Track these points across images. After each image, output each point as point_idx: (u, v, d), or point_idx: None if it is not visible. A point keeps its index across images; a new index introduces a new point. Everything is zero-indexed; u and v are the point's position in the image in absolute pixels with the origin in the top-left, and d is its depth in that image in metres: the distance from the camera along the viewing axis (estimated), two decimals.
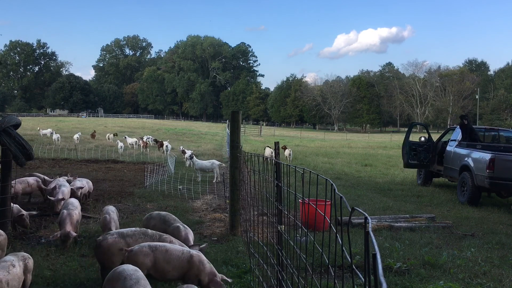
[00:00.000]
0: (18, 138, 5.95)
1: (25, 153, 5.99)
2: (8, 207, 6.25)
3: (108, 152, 20.61)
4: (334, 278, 2.71)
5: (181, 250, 4.11)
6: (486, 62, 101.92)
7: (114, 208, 6.09)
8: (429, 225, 7.60)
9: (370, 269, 1.56)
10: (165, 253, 4.02)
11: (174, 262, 4.00)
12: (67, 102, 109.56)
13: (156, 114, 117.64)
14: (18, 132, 6.11)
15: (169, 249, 4.08)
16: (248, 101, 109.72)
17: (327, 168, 18.19)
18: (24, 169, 10.36)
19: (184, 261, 4.00)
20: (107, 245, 4.38)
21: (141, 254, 4.00)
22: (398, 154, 23.70)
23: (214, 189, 11.43)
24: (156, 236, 4.57)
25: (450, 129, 13.40)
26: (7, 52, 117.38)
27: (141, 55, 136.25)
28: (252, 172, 5.08)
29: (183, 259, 4.01)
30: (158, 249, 4.05)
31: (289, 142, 37.77)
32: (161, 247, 4.08)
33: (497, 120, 76.38)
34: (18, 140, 5.92)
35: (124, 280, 3.26)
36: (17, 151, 5.89)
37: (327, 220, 2.41)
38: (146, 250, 4.03)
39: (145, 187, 11.21)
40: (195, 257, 4.04)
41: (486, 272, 5.25)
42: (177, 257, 4.02)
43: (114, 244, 4.38)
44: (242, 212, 6.74)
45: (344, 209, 6.33)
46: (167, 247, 4.11)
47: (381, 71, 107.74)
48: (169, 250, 4.06)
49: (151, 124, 58.31)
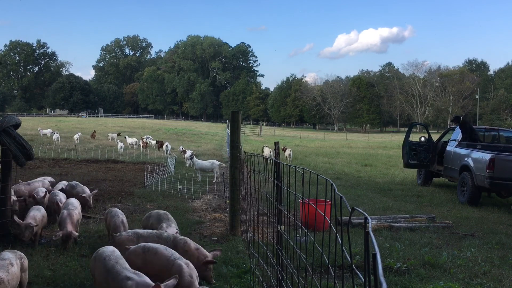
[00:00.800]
0: (18, 138, 5.96)
1: (25, 153, 5.99)
2: (8, 207, 6.24)
3: (108, 152, 20.61)
4: (334, 278, 2.71)
5: (170, 256, 4.01)
6: (486, 62, 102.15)
7: (120, 211, 6.05)
8: (429, 225, 7.60)
9: (370, 269, 1.56)
10: (153, 255, 4.02)
11: (159, 267, 3.99)
12: (67, 102, 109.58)
13: (156, 114, 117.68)
14: (18, 132, 6.11)
15: (158, 252, 4.06)
16: (248, 101, 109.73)
17: (327, 168, 18.19)
18: (24, 169, 10.37)
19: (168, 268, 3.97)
20: (119, 241, 4.49)
21: (133, 255, 4.08)
22: (398, 154, 23.70)
23: (214, 189, 11.43)
24: (170, 238, 4.53)
25: (450, 129, 13.39)
26: (7, 52, 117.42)
27: (141, 55, 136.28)
28: (252, 172, 5.08)
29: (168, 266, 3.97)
30: (150, 251, 4.06)
31: (289, 142, 37.78)
32: (152, 249, 4.08)
33: (497, 120, 76.39)
34: (18, 140, 5.92)
35: (104, 260, 3.70)
36: (17, 151, 5.89)
37: (327, 220, 2.41)
38: (138, 251, 4.11)
39: (145, 187, 11.21)
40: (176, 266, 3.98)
41: (486, 272, 5.25)
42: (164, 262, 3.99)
43: (126, 241, 4.48)
44: (242, 212, 6.74)
45: (344, 209, 6.33)
46: (158, 250, 4.07)
47: (381, 71, 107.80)
48: (157, 254, 4.04)
49: (151, 124, 58.32)
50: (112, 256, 3.75)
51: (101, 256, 3.78)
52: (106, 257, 3.73)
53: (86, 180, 11.78)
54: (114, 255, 3.78)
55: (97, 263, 3.79)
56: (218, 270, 4.89)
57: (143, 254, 4.04)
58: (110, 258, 3.71)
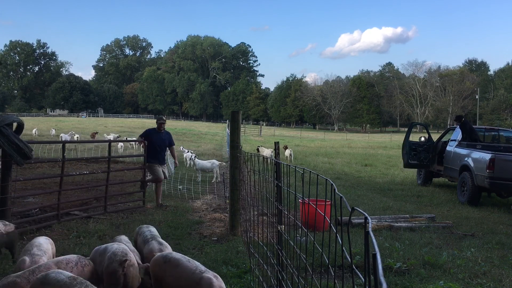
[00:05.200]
0: (12, 137, 5.86)
1: (21, 152, 5.92)
2: (8, 207, 6.24)
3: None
4: (334, 278, 2.71)
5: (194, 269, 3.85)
6: (486, 62, 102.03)
7: (127, 238, 5.11)
8: (429, 225, 7.60)
9: (370, 269, 1.56)
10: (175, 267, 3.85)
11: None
12: (67, 102, 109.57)
13: (156, 114, 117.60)
14: (13, 131, 6.00)
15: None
16: (248, 101, 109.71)
17: (327, 168, 18.18)
18: (24, 168, 10.38)
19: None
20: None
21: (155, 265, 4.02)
22: (398, 154, 23.69)
23: (214, 189, 11.43)
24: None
25: (450, 129, 13.39)
26: (7, 52, 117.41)
27: (141, 55, 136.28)
28: (252, 172, 5.08)
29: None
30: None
31: (289, 142, 37.76)
32: (174, 260, 3.97)
33: (497, 120, 76.32)
34: (12, 140, 5.83)
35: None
36: (10, 150, 5.83)
37: (327, 220, 2.41)
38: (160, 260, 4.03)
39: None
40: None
41: (486, 272, 5.25)
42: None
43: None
44: (242, 212, 6.73)
45: (344, 209, 6.32)
46: (180, 262, 3.96)
47: (381, 71, 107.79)
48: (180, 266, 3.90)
49: (151, 124, 58.17)
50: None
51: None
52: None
53: (86, 180, 11.79)
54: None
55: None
56: (218, 270, 4.89)
57: (164, 265, 3.82)
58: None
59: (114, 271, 3.74)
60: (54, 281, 3.32)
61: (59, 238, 6.34)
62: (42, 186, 10.65)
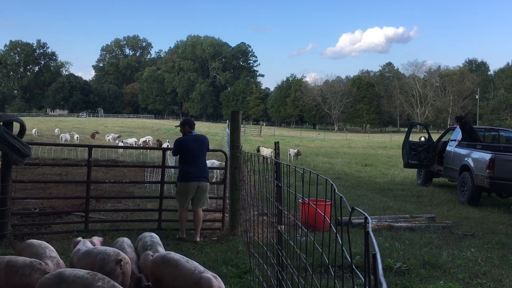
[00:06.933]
0: (6, 135, 5.78)
1: (15, 148, 5.83)
2: (8, 207, 6.24)
3: (108, 152, 20.60)
4: (334, 278, 2.71)
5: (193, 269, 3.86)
6: (486, 62, 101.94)
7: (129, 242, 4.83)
8: (429, 225, 7.60)
9: (370, 269, 1.56)
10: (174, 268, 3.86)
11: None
12: (67, 102, 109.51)
13: (156, 114, 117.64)
14: (7, 130, 5.90)
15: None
16: (248, 101, 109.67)
17: (327, 168, 18.18)
18: (23, 168, 10.38)
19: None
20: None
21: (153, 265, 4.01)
22: (398, 154, 23.68)
23: (214, 189, 11.43)
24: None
25: (450, 129, 13.39)
26: (7, 52, 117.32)
27: (141, 55, 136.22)
28: (252, 172, 5.08)
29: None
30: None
31: (289, 142, 37.76)
32: (172, 260, 3.98)
33: (497, 120, 76.27)
34: (5, 138, 5.75)
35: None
36: (5, 148, 5.78)
37: (327, 220, 2.41)
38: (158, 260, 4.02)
39: (145, 187, 11.21)
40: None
41: (486, 272, 5.25)
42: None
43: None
44: (242, 212, 6.73)
45: (344, 209, 6.31)
46: (178, 262, 3.94)
47: (381, 71, 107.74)
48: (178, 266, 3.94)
49: (151, 124, 58.31)
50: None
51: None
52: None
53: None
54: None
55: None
56: (218, 270, 4.88)
57: (163, 265, 3.79)
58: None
59: (111, 270, 3.72)
60: (72, 278, 3.18)
61: (59, 238, 6.34)
62: (42, 186, 10.64)
